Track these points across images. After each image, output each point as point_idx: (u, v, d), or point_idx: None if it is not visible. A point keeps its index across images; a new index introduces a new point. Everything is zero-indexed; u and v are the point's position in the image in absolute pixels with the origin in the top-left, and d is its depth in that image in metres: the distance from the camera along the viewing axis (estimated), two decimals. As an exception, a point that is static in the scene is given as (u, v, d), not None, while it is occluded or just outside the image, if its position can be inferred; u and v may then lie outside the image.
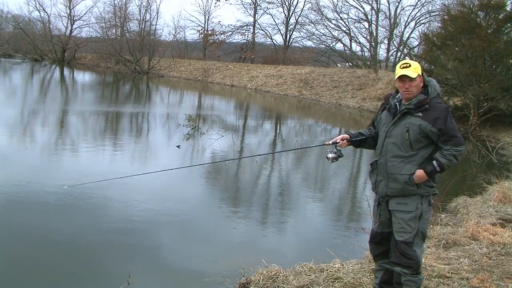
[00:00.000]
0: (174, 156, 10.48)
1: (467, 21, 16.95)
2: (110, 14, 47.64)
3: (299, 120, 20.56)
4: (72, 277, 4.61)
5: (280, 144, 14.10)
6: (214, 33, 51.53)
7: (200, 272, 4.80)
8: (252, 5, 49.61)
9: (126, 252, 5.26)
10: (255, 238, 6.16)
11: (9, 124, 12.27)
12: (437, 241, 5.29)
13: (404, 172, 3.27)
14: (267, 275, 4.21)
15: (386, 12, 39.96)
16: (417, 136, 3.25)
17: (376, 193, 3.49)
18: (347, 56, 42.07)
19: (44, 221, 5.90)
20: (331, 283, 4.00)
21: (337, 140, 3.56)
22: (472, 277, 4.16)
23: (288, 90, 30.84)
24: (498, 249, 4.99)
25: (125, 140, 12.05)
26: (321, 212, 7.49)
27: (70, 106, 18.78)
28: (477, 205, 6.93)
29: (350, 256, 4.82)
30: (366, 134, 3.62)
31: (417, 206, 3.28)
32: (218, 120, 17.72)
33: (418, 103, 3.28)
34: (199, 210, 7.05)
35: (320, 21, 43.45)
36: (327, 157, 3.59)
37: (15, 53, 48.97)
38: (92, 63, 46.75)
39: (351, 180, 10.26)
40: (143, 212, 6.46)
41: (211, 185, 8.66)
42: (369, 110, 23.41)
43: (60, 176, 7.89)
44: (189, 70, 41.31)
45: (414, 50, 36.57)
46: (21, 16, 51.13)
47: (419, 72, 3.29)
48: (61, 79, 33.44)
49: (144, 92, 29.11)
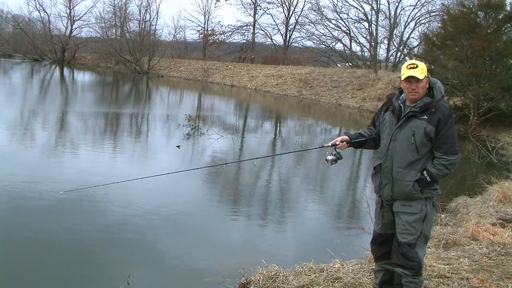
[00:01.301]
0: (174, 157, 10.48)
1: (467, 21, 16.95)
2: (110, 14, 47.68)
3: (299, 120, 20.55)
4: (72, 277, 4.61)
5: (280, 144, 14.09)
6: (214, 33, 51.54)
7: (200, 272, 4.80)
8: (252, 5, 49.66)
9: (126, 252, 5.26)
10: (255, 238, 6.16)
11: (8, 124, 12.28)
12: (437, 241, 5.28)
13: (408, 178, 3.24)
14: (267, 275, 4.21)
15: (386, 12, 39.93)
16: (422, 140, 3.21)
17: (379, 196, 3.46)
18: (347, 56, 42.02)
19: (44, 222, 5.89)
20: (331, 283, 4.00)
21: (337, 142, 3.53)
22: (472, 277, 4.15)
23: (288, 90, 30.84)
24: (498, 249, 4.99)
25: (125, 140, 12.06)
26: (321, 212, 7.48)
27: (70, 106, 18.78)
28: (477, 205, 6.93)
29: (350, 256, 4.81)
30: (366, 135, 3.60)
31: (421, 208, 3.26)
32: (218, 120, 17.72)
33: (424, 106, 3.23)
34: (199, 210, 7.05)
35: (320, 21, 43.43)
36: (326, 159, 3.55)
37: (15, 53, 48.97)
38: (92, 63, 46.74)
39: (351, 181, 10.26)
40: (143, 212, 6.46)
41: (211, 185, 8.66)
42: (369, 110, 23.39)
43: (60, 177, 7.88)
44: (189, 70, 41.31)
45: (414, 50, 36.60)
46: (21, 16, 51.21)
47: (425, 73, 3.25)
48: (61, 79, 33.43)
49: (144, 92, 29.11)
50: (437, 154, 3.22)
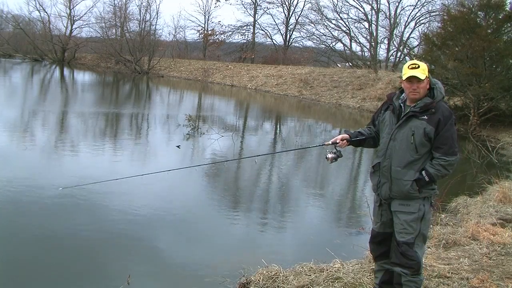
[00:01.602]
0: (174, 156, 10.48)
1: (467, 21, 16.94)
2: (110, 14, 47.67)
3: (299, 120, 20.55)
4: (72, 277, 4.61)
5: (280, 144, 14.09)
6: (214, 33, 51.54)
7: (200, 272, 4.81)
8: (252, 5, 49.64)
9: (126, 252, 5.26)
10: (255, 238, 6.16)
11: (8, 124, 12.27)
12: (437, 241, 5.28)
13: (407, 178, 3.25)
14: (267, 275, 4.21)
15: (386, 12, 39.93)
16: (422, 140, 3.23)
17: (378, 194, 3.48)
18: (347, 56, 42.02)
19: (43, 221, 5.88)
20: (331, 283, 4.00)
21: (337, 140, 3.54)
22: (472, 277, 4.15)
23: (288, 90, 30.84)
24: (498, 249, 4.99)
25: (125, 140, 12.05)
26: (321, 212, 7.49)
27: (70, 106, 18.78)
28: (477, 205, 6.93)
29: (350, 256, 4.82)
30: (365, 133, 3.61)
31: (419, 207, 3.28)
32: (218, 120, 17.72)
33: (424, 106, 3.25)
34: (199, 210, 7.05)
35: (320, 21, 43.43)
36: (326, 157, 3.56)
37: (15, 53, 48.96)
38: (92, 63, 46.75)
39: (351, 180, 10.26)
40: (143, 213, 6.46)
41: (211, 185, 8.66)
42: (369, 110, 23.39)
43: (59, 176, 7.88)
44: (189, 70, 41.31)
45: (414, 50, 36.60)
46: (21, 16, 51.18)
47: (427, 73, 3.26)
48: (61, 79, 33.43)
49: (144, 92, 29.10)
50: (436, 155, 3.24)
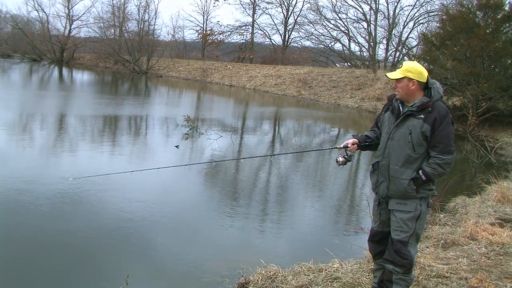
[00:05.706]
0: (173, 156, 10.47)
1: (465, 21, 16.96)
2: (108, 14, 47.72)
3: (298, 120, 20.54)
4: (71, 278, 4.61)
5: (278, 144, 14.09)
6: (213, 33, 51.55)
7: (199, 272, 4.81)
8: (251, 5, 49.71)
9: (124, 253, 5.26)
10: (254, 238, 6.15)
11: (8, 124, 12.25)
12: (435, 241, 5.29)
13: (404, 177, 3.28)
14: (266, 275, 4.21)
15: (385, 12, 40.02)
16: (419, 139, 3.25)
17: (376, 193, 3.51)
18: (345, 56, 42.09)
19: (42, 221, 5.87)
20: (330, 283, 4.01)
21: (348, 145, 3.58)
22: (470, 277, 4.16)
23: (287, 90, 30.85)
24: (496, 249, 5.00)
25: (124, 140, 12.04)
26: (320, 212, 7.49)
27: (69, 106, 18.74)
28: (475, 205, 6.93)
29: (349, 256, 4.83)
30: (372, 137, 3.64)
31: (416, 207, 3.30)
32: (217, 120, 17.71)
33: (421, 106, 3.27)
34: (199, 210, 7.05)
35: (318, 21, 43.56)
36: (336, 160, 3.62)
37: (14, 53, 48.96)
38: (90, 63, 46.74)
39: (350, 180, 10.26)
40: (142, 213, 6.45)
41: (210, 185, 8.66)
42: (368, 110, 23.42)
43: (59, 175, 7.87)
44: (188, 70, 41.32)
45: (413, 50, 36.63)
46: (19, 16, 51.14)
47: (407, 74, 3.28)
48: (59, 79, 33.39)
49: (142, 92, 29.07)
50: (432, 153, 3.26)
